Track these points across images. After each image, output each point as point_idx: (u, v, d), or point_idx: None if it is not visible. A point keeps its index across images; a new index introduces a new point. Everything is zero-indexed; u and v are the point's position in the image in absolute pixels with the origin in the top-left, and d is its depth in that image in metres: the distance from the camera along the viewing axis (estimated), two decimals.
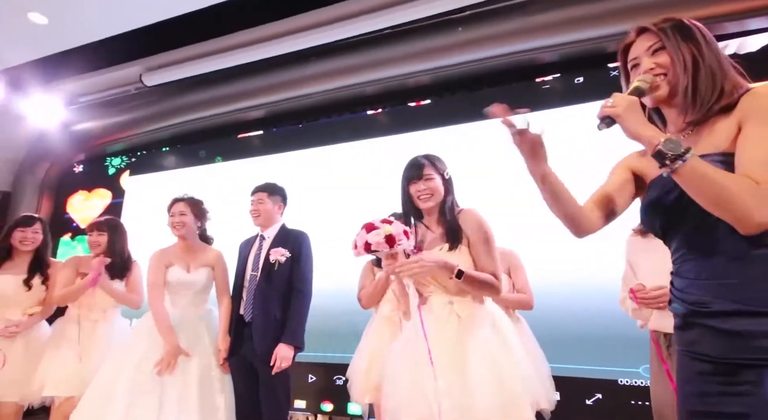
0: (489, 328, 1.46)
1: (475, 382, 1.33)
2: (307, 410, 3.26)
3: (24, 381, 2.11)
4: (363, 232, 1.41)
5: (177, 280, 2.14)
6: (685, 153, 0.74)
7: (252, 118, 4.19)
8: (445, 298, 1.49)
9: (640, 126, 0.81)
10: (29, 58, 3.88)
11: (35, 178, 4.76)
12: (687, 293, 0.83)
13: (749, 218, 0.72)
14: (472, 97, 3.50)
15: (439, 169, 1.59)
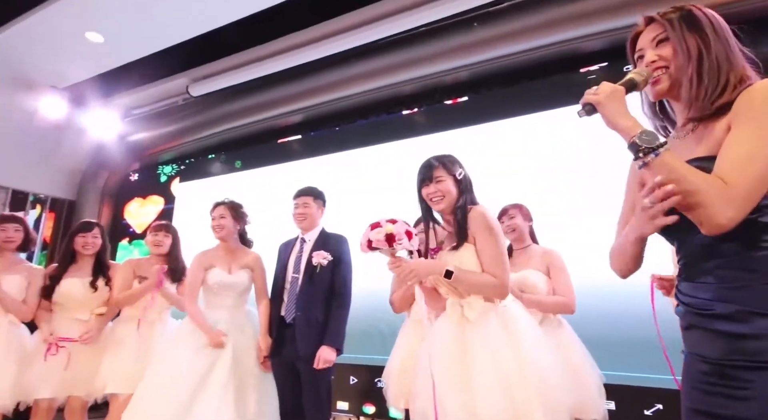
0: (498, 331, 1.41)
1: (479, 389, 1.31)
2: (350, 412, 3.27)
3: (89, 378, 2.23)
4: (368, 230, 1.44)
5: (219, 282, 2.19)
6: (658, 147, 0.73)
7: (291, 123, 4.28)
8: (456, 301, 1.49)
9: (618, 116, 0.80)
10: (88, 76, 4.19)
11: (96, 187, 5.12)
12: (690, 296, 0.82)
13: (711, 219, 0.72)
14: (511, 92, 3.39)
15: (451, 171, 1.58)
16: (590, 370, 1.83)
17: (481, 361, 1.35)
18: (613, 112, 0.80)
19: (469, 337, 1.41)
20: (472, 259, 1.47)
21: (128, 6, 3.24)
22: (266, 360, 2.15)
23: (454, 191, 1.55)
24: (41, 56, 3.85)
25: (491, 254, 1.46)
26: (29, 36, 3.59)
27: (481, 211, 1.52)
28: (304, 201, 2.26)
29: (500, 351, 1.36)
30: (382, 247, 1.41)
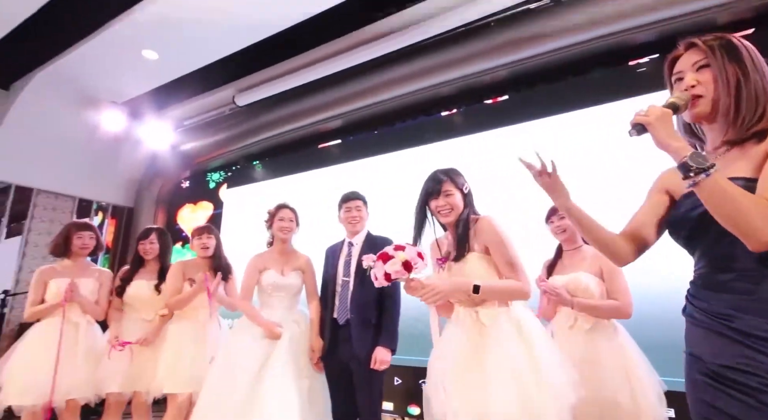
0: (514, 335, 1.44)
1: (494, 389, 1.33)
2: (395, 412, 3.29)
3: (150, 376, 2.36)
4: (380, 264, 1.46)
5: (273, 283, 2.27)
6: (709, 168, 0.78)
7: (331, 128, 4.38)
8: (471, 308, 1.52)
9: (669, 137, 0.85)
10: (144, 90, 4.48)
11: (151, 194, 5.46)
12: (710, 304, 0.86)
13: (756, 236, 0.76)
14: (555, 89, 3.30)
15: (458, 184, 1.64)
16: (649, 376, 1.74)
17: (495, 361, 1.38)
18: (663, 134, 0.85)
19: (483, 340, 1.44)
20: (479, 268, 1.53)
21: (180, 24, 3.45)
22: (319, 361, 2.21)
23: (460, 204, 1.62)
24: (103, 74, 4.16)
25: (507, 260, 1.51)
26: (92, 56, 3.89)
27: (488, 220, 1.57)
28: (357, 205, 2.31)
29: (513, 351, 1.40)
30: (402, 276, 1.43)
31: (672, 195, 1.03)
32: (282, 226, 2.33)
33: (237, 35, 3.63)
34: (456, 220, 1.60)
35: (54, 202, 4.81)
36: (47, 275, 2.44)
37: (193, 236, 2.59)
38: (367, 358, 2.07)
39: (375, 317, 2.15)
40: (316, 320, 2.27)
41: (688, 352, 0.91)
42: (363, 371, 2.08)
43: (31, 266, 4.54)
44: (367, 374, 2.07)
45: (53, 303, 2.36)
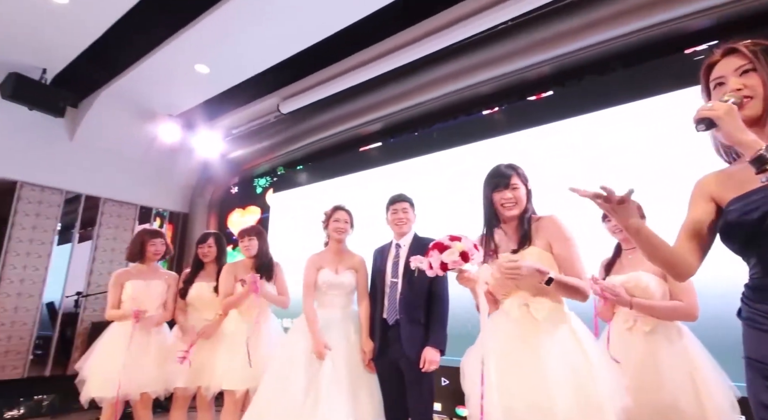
0: (567, 332, 1.44)
1: (554, 383, 1.32)
2: (443, 413, 3.31)
3: (209, 373, 2.50)
4: (436, 253, 1.47)
5: (327, 282, 2.35)
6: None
7: (371, 131, 4.45)
8: (521, 300, 1.52)
9: (739, 131, 0.85)
10: (196, 103, 4.75)
11: (204, 200, 5.77)
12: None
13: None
14: (603, 82, 3.19)
15: (524, 179, 1.66)
16: (718, 381, 1.64)
17: (551, 355, 1.37)
18: (734, 128, 0.85)
19: (537, 336, 1.43)
20: (547, 263, 1.51)
21: (228, 38, 3.64)
22: (371, 362, 2.26)
23: (524, 199, 1.63)
24: (159, 90, 4.46)
25: (572, 260, 1.51)
26: (150, 74, 4.18)
27: (556, 219, 1.57)
28: (403, 206, 2.35)
29: (569, 346, 1.39)
30: (458, 266, 1.44)
31: (718, 202, 1.01)
32: (337, 227, 2.41)
33: (281, 46, 3.77)
34: (519, 214, 1.61)
35: (119, 209, 5.20)
36: (123, 277, 2.66)
37: (239, 239, 2.74)
38: (417, 358, 2.10)
39: (423, 317, 2.18)
40: (365, 322, 2.32)
41: (747, 356, 0.91)
42: (413, 371, 2.11)
43: (100, 269, 4.95)
44: (417, 374, 2.10)
45: (126, 314, 2.55)
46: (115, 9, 3.33)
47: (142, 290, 2.61)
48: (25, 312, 4.39)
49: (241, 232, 2.75)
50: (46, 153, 4.59)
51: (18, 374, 4.31)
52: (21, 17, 3.42)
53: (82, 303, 4.79)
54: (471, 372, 1.54)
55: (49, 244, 4.61)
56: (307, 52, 3.85)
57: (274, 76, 4.26)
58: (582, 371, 1.34)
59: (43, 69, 4.08)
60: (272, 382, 2.21)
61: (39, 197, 4.59)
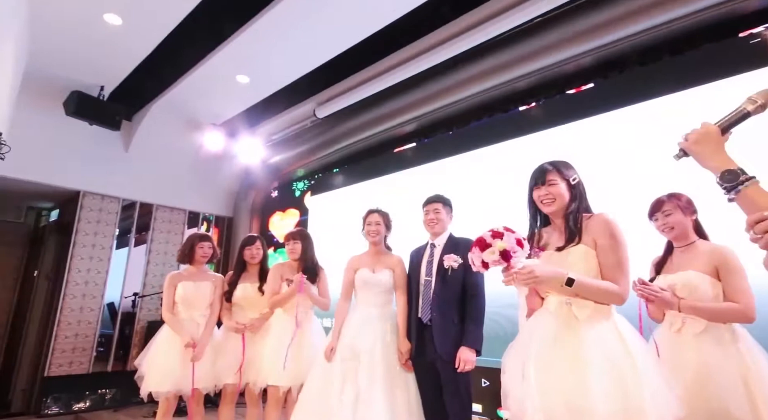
0: (611, 335, 1.37)
1: (594, 386, 1.26)
2: (484, 414, 3.26)
3: (256, 369, 2.60)
4: (477, 251, 1.41)
5: (364, 280, 2.42)
6: (739, 184, 0.87)
7: (405, 132, 4.47)
8: (563, 298, 1.47)
9: (705, 159, 0.95)
10: (237, 111, 4.97)
11: (247, 205, 6.01)
12: None
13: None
14: (647, 72, 3.04)
15: (564, 175, 1.59)
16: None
17: (594, 359, 1.31)
18: (701, 158, 0.95)
19: (578, 335, 1.38)
20: (581, 263, 1.46)
21: (267, 49, 3.78)
22: (408, 362, 2.27)
23: (566, 196, 1.56)
24: (204, 101, 4.70)
25: (613, 261, 1.44)
26: (195, 86, 4.41)
27: (606, 218, 1.50)
28: (435, 207, 2.37)
29: (612, 347, 1.33)
30: (500, 265, 1.39)
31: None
32: (369, 230, 2.48)
33: (315, 53, 3.88)
34: (561, 211, 1.56)
35: (170, 215, 5.52)
36: (176, 279, 2.83)
37: (284, 242, 2.84)
38: (451, 358, 2.09)
39: (457, 316, 2.17)
40: (402, 321, 2.34)
41: None
42: (448, 371, 2.10)
43: (153, 271, 5.27)
44: (453, 374, 2.09)
45: (182, 326, 2.69)
46: (163, 27, 3.55)
47: (192, 291, 2.77)
48: (89, 312, 4.76)
49: (287, 236, 2.85)
50: (104, 164, 4.95)
51: (84, 370, 4.67)
52: (82, 40, 3.72)
53: (138, 303, 5.12)
54: (511, 367, 1.51)
55: (108, 249, 4.97)
56: (340, 56, 3.93)
57: (310, 82, 4.37)
58: (626, 374, 1.28)
59: (101, 86, 4.41)
60: (314, 383, 2.29)
61: (99, 205, 4.96)
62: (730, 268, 1.64)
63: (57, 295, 4.64)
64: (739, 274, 1.64)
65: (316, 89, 4.60)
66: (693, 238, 1.79)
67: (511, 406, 1.47)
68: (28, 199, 5.38)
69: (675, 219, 1.79)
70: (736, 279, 1.63)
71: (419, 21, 3.59)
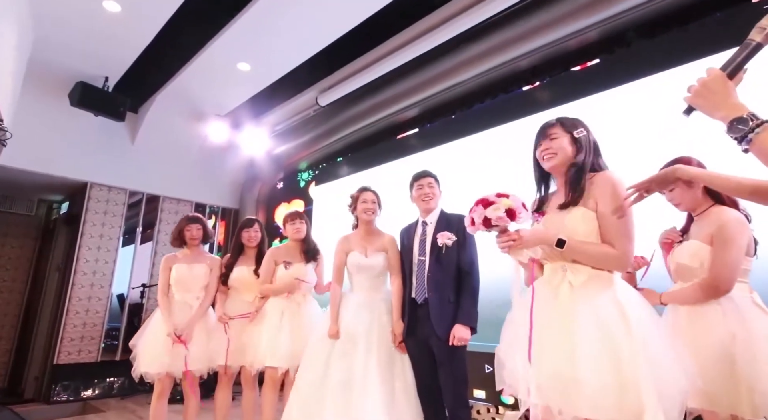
0: (606, 301, 1.26)
1: (583, 355, 1.17)
2: (488, 401, 3.17)
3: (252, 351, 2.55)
4: (480, 208, 1.34)
5: (357, 264, 2.35)
6: (750, 132, 0.78)
7: (408, 117, 4.40)
8: (558, 264, 1.37)
9: (712, 112, 0.86)
10: (240, 102, 4.96)
11: (252, 196, 6.01)
12: None
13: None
14: (656, 44, 2.90)
15: (568, 129, 1.46)
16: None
17: (586, 327, 1.22)
18: (705, 111, 0.86)
19: (572, 303, 1.29)
20: (580, 224, 1.35)
21: (266, 34, 3.75)
22: (401, 343, 2.22)
23: (568, 149, 1.44)
24: (207, 90, 4.70)
25: (613, 223, 1.32)
26: (197, 74, 4.41)
27: (609, 176, 1.37)
28: (429, 181, 2.30)
29: (607, 316, 1.23)
30: (503, 223, 1.31)
31: None
32: (366, 208, 2.39)
33: (315, 38, 3.83)
34: (563, 166, 1.44)
35: (176, 206, 5.56)
36: (171, 262, 2.83)
37: (286, 222, 2.79)
38: (447, 337, 2.03)
39: (453, 295, 2.11)
40: (397, 301, 2.27)
41: None
42: (443, 350, 2.04)
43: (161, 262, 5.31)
44: (448, 352, 2.03)
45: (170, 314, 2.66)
46: (161, 13, 3.55)
47: (186, 274, 2.75)
48: (97, 301, 4.82)
49: (291, 214, 2.80)
50: (111, 155, 5.01)
51: (92, 358, 4.74)
52: (82, 29, 3.75)
53: (146, 293, 5.17)
54: (506, 338, 1.45)
55: (116, 240, 5.03)
56: (340, 42, 3.87)
57: (311, 69, 4.33)
58: (620, 345, 1.18)
59: (105, 77, 4.45)
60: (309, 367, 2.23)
61: (106, 196, 5.02)
62: (721, 237, 1.53)
63: (66, 286, 4.71)
64: (725, 244, 1.52)
65: (318, 77, 4.56)
66: (706, 204, 1.66)
67: (506, 378, 1.40)
68: (39, 192, 5.48)
69: (679, 194, 1.68)
70: (719, 249, 1.52)
71: (418, 1, 3.51)
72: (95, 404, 4.41)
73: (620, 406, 1.12)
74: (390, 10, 3.48)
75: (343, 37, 3.82)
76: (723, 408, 1.42)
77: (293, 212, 2.83)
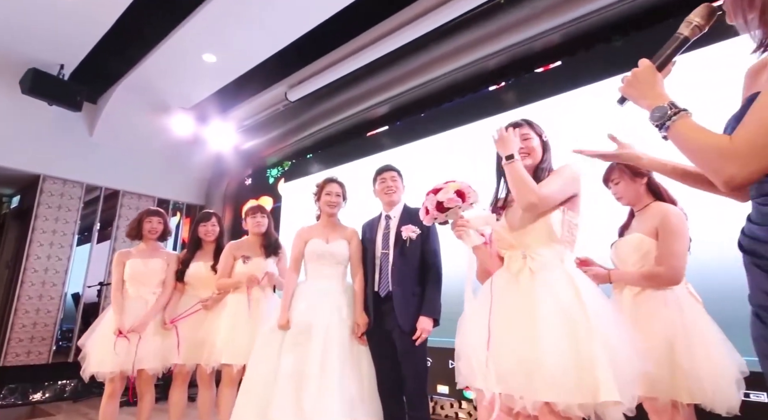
0: (564, 283, 1.33)
1: (546, 339, 1.21)
2: (451, 396, 3.19)
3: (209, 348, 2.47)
4: (431, 196, 1.45)
5: (317, 251, 2.28)
6: (668, 119, 0.81)
7: (378, 115, 4.39)
8: (519, 252, 1.44)
9: (639, 100, 0.91)
10: (206, 95, 4.82)
11: (220, 192, 5.86)
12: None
13: (714, 177, 0.74)
14: (614, 48, 3.00)
15: (537, 131, 1.58)
16: (724, 356, 1.49)
17: (544, 307, 1.28)
18: (634, 100, 0.92)
19: (532, 286, 1.35)
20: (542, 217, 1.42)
21: (232, 24, 3.66)
22: (363, 336, 2.19)
23: (539, 151, 1.54)
24: (170, 82, 4.55)
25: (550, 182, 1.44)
26: (160, 65, 4.26)
27: (565, 167, 1.50)
28: (392, 175, 2.31)
29: (566, 302, 1.28)
30: (455, 205, 1.39)
31: None
32: (329, 201, 2.36)
33: (284, 30, 3.77)
34: (532, 166, 1.52)
35: (137, 202, 5.35)
36: (125, 257, 2.71)
37: (247, 215, 2.72)
38: (410, 330, 2.04)
39: (417, 288, 2.12)
40: (360, 294, 2.25)
41: None
42: (405, 343, 2.05)
43: None
44: (410, 346, 2.04)
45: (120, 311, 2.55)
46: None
47: (140, 269, 2.64)
48: (49, 300, 4.57)
49: (252, 208, 2.74)
50: (67, 147, 4.77)
51: (43, 360, 4.49)
52: (36, 13, 3.56)
53: (103, 292, 4.95)
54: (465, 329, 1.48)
55: (70, 235, 4.79)
56: (310, 36, 3.82)
57: (281, 63, 4.26)
58: (578, 325, 1.23)
59: (60, 64, 4.23)
60: (259, 361, 2.15)
61: (61, 190, 4.77)
62: (667, 230, 1.62)
63: (15, 283, 4.45)
64: (673, 236, 1.61)
65: (287, 71, 4.48)
66: (647, 201, 1.77)
67: (463, 369, 1.42)
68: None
69: (622, 188, 1.78)
70: (669, 241, 1.61)
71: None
72: (45, 408, 4.18)
73: (578, 387, 1.15)
74: (360, 5, 3.47)
75: (313, 32, 3.77)
76: (664, 393, 1.48)
77: (254, 206, 2.78)
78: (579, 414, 1.16)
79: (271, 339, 2.17)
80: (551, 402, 1.17)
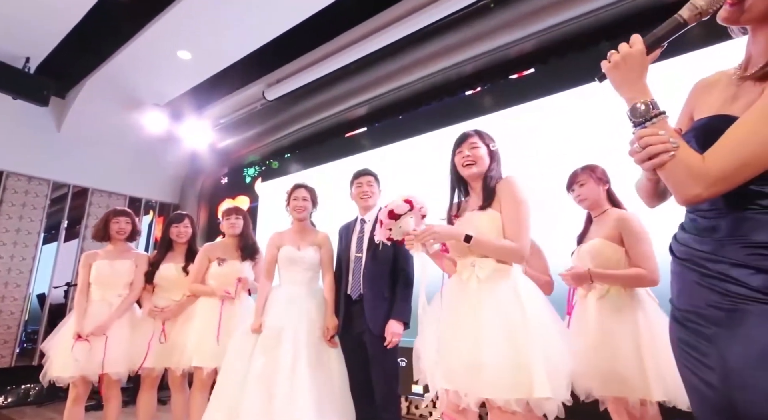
0: (508, 291, 1.43)
1: (487, 342, 1.31)
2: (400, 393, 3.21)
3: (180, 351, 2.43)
4: (384, 209, 1.55)
5: (288, 257, 2.32)
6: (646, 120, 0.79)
7: (357, 116, 4.39)
8: (468, 260, 1.51)
9: (620, 86, 0.85)
10: (181, 91, 4.72)
11: (194, 191, 5.75)
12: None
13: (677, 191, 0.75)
14: (585, 57, 3.09)
15: (485, 140, 1.64)
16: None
17: (488, 312, 1.37)
18: (615, 84, 0.86)
19: (478, 295, 1.44)
20: (490, 224, 1.51)
21: (209, 22, 3.59)
22: (332, 338, 2.21)
23: (486, 160, 1.61)
24: (143, 77, 4.43)
25: (512, 220, 1.50)
26: (133, 61, 4.15)
27: (512, 180, 1.56)
28: (368, 180, 2.33)
29: (507, 306, 1.38)
30: (403, 212, 1.49)
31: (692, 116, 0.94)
32: (296, 206, 2.39)
33: (262, 29, 3.73)
34: (479, 174, 1.60)
35: (107, 200, 5.20)
36: (91, 259, 2.63)
37: (223, 217, 2.70)
38: (380, 333, 2.06)
39: (388, 291, 2.14)
40: (330, 297, 2.28)
41: None
42: (376, 346, 2.07)
43: None
44: (381, 349, 2.06)
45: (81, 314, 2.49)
46: None
47: (107, 271, 2.58)
48: (12, 301, 4.40)
49: (228, 210, 2.73)
50: (33, 143, 4.59)
51: (5, 363, 4.32)
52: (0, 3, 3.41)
53: (70, 293, 4.79)
54: (423, 331, 1.55)
55: (36, 235, 4.61)
56: (288, 36, 3.80)
57: (258, 62, 4.21)
58: (518, 332, 1.33)
59: (26, 57, 4.07)
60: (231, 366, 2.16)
61: (25, 187, 4.59)
62: (632, 234, 1.69)
63: None
64: (640, 239, 1.69)
65: (265, 70, 4.44)
66: (605, 207, 1.85)
67: (423, 369, 1.51)
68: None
69: (587, 189, 1.85)
70: (639, 244, 1.68)
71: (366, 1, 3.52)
72: (7, 413, 4.02)
73: (515, 385, 1.25)
74: (340, 7, 3.47)
75: (292, 31, 3.74)
76: (634, 393, 1.54)
77: (231, 207, 2.76)
78: (516, 409, 1.26)
79: (244, 343, 2.17)
80: (491, 398, 1.28)
